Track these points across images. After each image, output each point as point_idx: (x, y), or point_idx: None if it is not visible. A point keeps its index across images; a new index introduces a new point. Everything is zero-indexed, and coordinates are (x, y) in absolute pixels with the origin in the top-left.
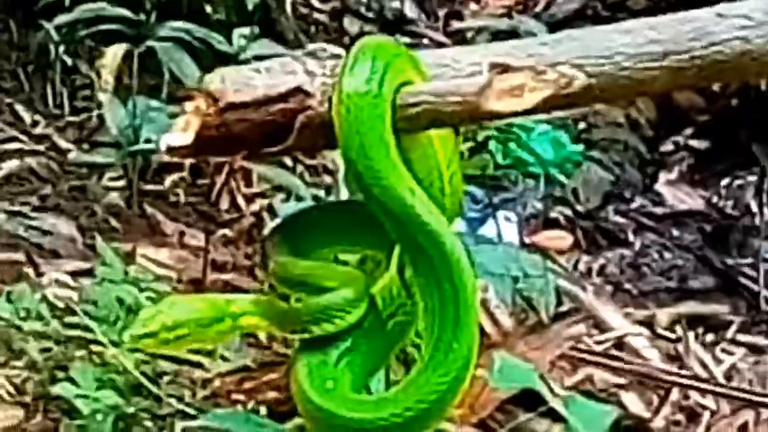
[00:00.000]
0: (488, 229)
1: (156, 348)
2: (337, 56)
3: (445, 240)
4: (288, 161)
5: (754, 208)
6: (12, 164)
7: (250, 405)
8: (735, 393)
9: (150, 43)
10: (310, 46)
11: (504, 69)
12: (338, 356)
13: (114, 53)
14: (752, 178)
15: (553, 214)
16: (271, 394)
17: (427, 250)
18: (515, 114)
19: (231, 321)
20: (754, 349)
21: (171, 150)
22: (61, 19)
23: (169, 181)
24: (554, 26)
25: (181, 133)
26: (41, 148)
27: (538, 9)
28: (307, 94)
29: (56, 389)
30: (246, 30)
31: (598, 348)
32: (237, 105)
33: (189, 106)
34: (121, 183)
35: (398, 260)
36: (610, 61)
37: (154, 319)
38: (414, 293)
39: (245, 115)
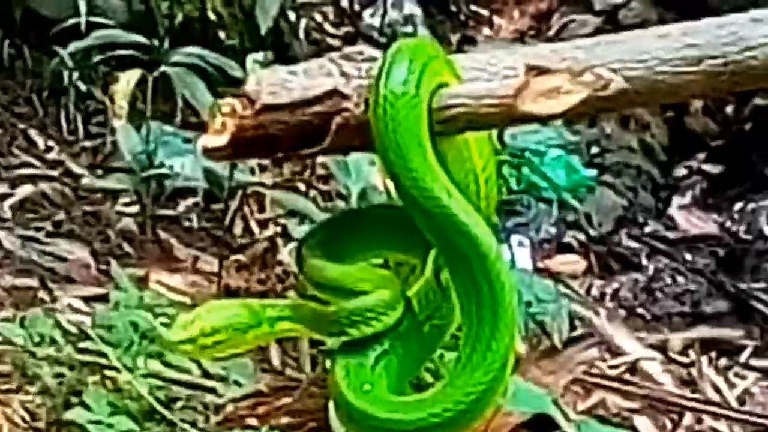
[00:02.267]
0: None
1: (195, 354)
2: (372, 59)
3: (481, 241)
4: (301, 186)
5: None
6: (26, 190)
7: (264, 430)
8: (748, 417)
9: (164, 68)
10: (346, 49)
11: (540, 71)
12: (375, 359)
13: (128, 79)
14: (765, 203)
15: (566, 239)
16: (285, 419)
17: (463, 251)
18: (551, 117)
19: (267, 326)
20: (767, 374)
21: (207, 151)
22: (75, 45)
23: (182, 206)
24: None
25: (217, 134)
26: (55, 173)
27: (550, 33)
28: (343, 96)
29: (70, 415)
30: (259, 55)
31: (612, 372)
32: (273, 107)
33: (225, 107)
34: (134, 208)
35: (434, 262)
36: (646, 65)
37: (192, 325)
38: (450, 295)
39: (281, 117)
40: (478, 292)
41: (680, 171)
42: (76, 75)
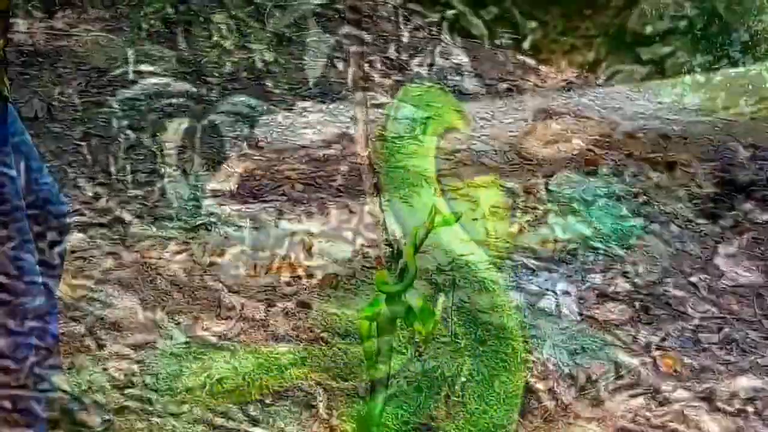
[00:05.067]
0: (547, 303)
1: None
2: (382, 104)
3: None
4: (348, 234)
5: None
6: (74, 237)
7: None
8: None
9: (213, 117)
10: (357, 96)
11: (547, 115)
12: (383, 403)
13: (176, 127)
14: None
15: (612, 288)
16: None
17: None
18: (559, 159)
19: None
20: None
21: None
22: (124, 93)
23: (229, 254)
24: None
25: None
26: (104, 221)
27: (598, 83)
28: (351, 140)
29: None
30: (308, 104)
31: (658, 422)
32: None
33: None
34: (183, 256)
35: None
36: None
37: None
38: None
39: None
40: None
41: (727, 220)
42: (124, 123)
